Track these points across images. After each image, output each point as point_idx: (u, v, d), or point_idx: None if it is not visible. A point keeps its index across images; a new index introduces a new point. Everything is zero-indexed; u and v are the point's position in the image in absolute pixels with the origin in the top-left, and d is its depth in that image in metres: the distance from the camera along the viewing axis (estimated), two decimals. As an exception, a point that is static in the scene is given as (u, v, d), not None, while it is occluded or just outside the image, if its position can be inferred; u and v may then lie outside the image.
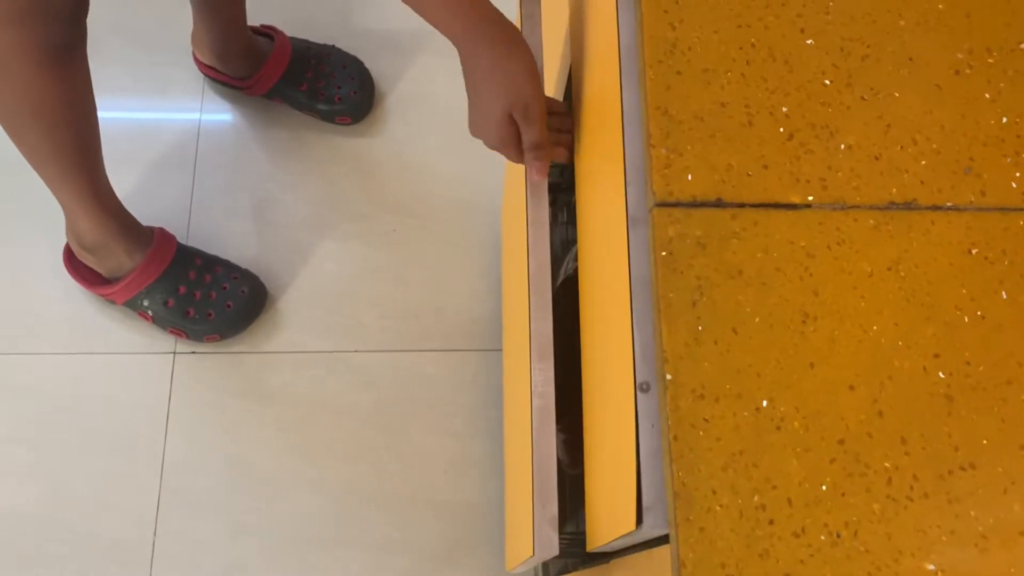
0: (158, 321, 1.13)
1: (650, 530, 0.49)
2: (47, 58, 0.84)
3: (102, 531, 1.09)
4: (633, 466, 0.50)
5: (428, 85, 1.33)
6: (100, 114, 0.97)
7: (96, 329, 1.17)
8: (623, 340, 0.53)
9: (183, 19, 1.21)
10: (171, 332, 1.14)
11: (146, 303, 1.12)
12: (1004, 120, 0.53)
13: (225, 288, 1.13)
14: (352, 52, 1.30)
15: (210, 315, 1.13)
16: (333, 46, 1.29)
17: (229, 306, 1.13)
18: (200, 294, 1.12)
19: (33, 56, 0.83)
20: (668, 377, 0.47)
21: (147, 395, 1.15)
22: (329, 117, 1.27)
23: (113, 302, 1.14)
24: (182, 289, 1.11)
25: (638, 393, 0.50)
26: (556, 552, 0.66)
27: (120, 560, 1.08)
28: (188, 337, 1.14)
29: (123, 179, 1.18)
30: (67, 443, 1.12)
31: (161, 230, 1.13)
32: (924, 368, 0.48)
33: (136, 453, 1.12)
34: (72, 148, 0.95)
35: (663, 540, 0.56)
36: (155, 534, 1.09)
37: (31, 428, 1.13)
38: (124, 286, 1.10)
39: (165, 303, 1.12)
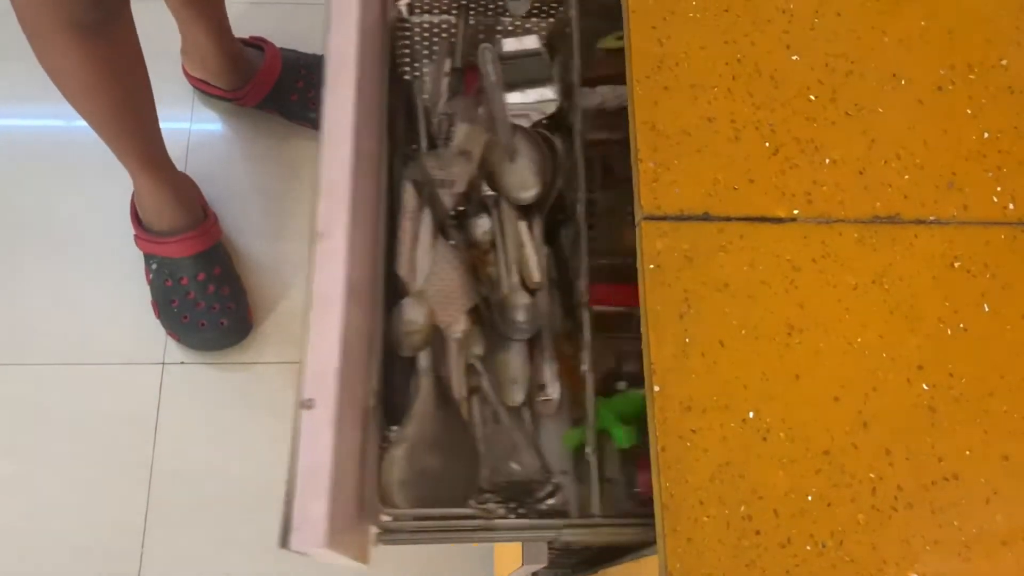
0: (151, 287, 1.16)
1: (299, 549, 0.46)
2: (75, 33, 0.87)
3: (90, 543, 1.08)
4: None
5: (418, 97, 1.34)
6: (90, 125, 0.98)
7: (84, 340, 1.17)
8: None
9: (172, 31, 1.21)
10: (152, 303, 1.16)
11: (154, 267, 1.15)
12: (985, 135, 0.54)
13: (214, 308, 1.14)
14: (342, 63, 1.31)
15: (184, 318, 1.14)
16: (323, 56, 1.30)
17: (203, 324, 1.14)
18: (194, 295, 1.13)
19: (61, 30, 0.86)
20: (656, 389, 0.48)
21: (135, 406, 1.14)
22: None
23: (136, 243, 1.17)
24: (184, 280, 1.14)
25: (302, 411, 0.48)
26: (545, 563, 0.66)
27: (108, 573, 1.07)
28: (158, 317, 1.16)
29: (112, 190, 1.18)
30: (54, 455, 1.12)
31: (214, 220, 1.16)
32: (908, 380, 0.49)
33: (124, 465, 1.12)
34: (113, 116, 0.98)
35: (648, 547, 0.56)
36: (143, 546, 1.09)
37: (17, 439, 1.12)
38: (149, 240, 1.13)
39: (164, 281, 1.14)
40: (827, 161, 0.53)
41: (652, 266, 0.50)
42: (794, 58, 0.56)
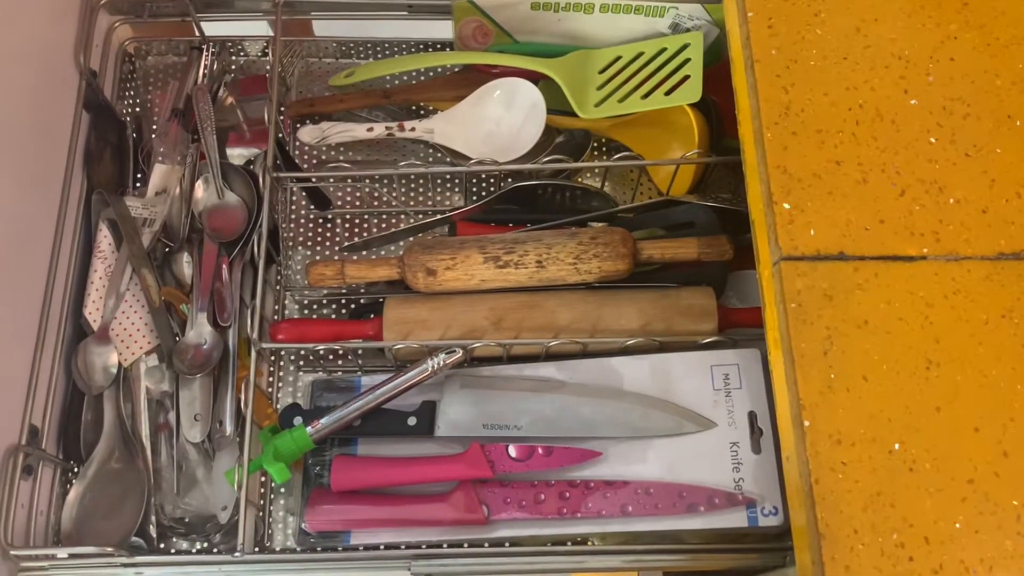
0: None
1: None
2: None
3: None
4: None
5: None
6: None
7: None
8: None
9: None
10: None
11: None
12: (1101, 173, 0.57)
13: None
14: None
15: None
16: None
17: None
18: None
19: None
20: (806, 424, 0.50)
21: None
22: None
23: None
24: None
25: None
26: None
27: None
28: None
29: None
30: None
31: None
32: (1043, 410, 0.51)
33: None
34: None
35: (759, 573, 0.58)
36: None
37: None
38: None
39: None
40: (951, 201, 0.56)
41: (794, 305, 0.53)
42: (912, 102, 0.58)
